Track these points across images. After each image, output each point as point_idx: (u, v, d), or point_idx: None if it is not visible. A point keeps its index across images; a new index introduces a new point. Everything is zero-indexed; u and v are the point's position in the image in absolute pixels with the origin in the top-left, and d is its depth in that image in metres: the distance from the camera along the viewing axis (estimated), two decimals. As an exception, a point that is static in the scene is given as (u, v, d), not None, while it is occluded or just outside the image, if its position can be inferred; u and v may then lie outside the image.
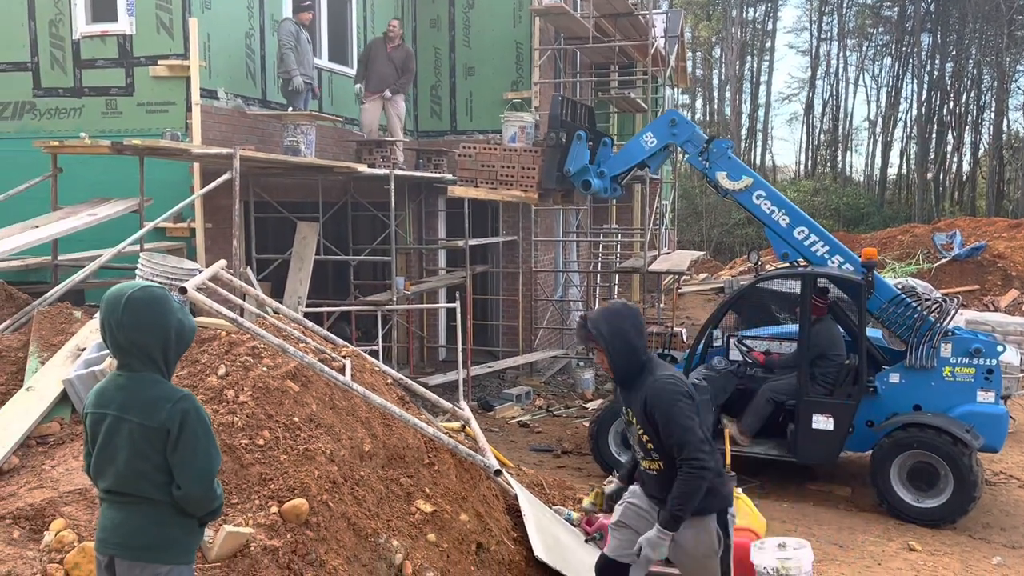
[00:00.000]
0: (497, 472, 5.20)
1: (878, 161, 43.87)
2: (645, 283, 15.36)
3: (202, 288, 4.77)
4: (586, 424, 9.60)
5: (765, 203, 8.41)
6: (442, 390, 9.67)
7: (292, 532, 3.72)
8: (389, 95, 10.81)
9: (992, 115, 39.36)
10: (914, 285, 8.44)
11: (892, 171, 43.80)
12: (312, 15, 9.83)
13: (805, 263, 8.29)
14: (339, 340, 5.75)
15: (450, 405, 6.19)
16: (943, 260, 20.13)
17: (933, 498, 7.28)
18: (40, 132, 8.80)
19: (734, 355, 8.85)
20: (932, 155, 40.25)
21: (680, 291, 20.75)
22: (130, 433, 2.57)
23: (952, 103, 41.06)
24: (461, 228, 11.46)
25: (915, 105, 41.28)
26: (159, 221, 7.45)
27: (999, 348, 7.63)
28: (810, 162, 45.95)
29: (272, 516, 3.73)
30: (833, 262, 8.20)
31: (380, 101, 10.78)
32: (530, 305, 13.23)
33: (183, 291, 4.35)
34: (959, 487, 7.14)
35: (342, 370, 4.95)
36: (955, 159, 41.91)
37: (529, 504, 5.28)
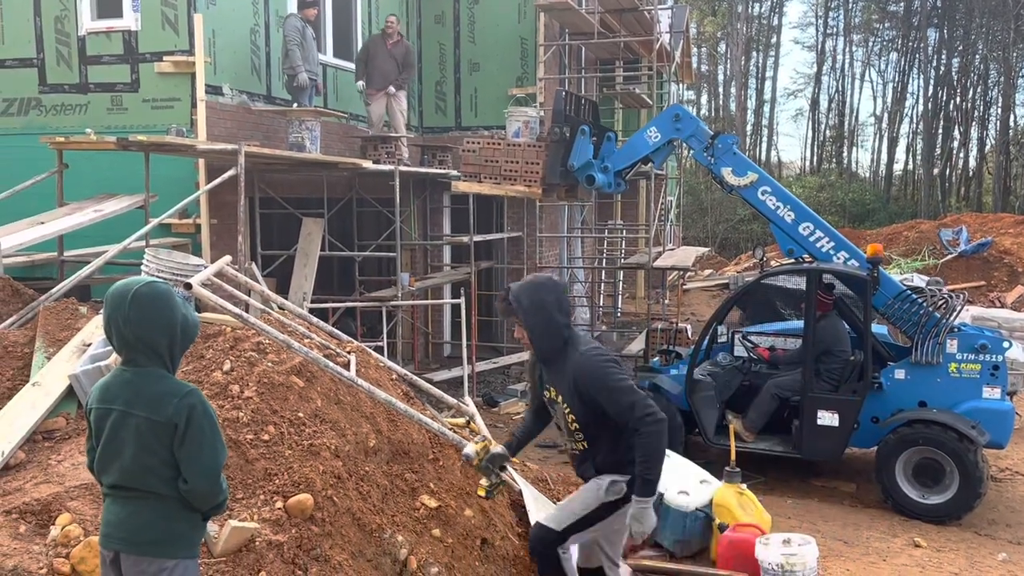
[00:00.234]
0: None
1: (884, 157, 43.77)
2: (650, 279, 15.35)
3: (207, 284, 4.78)
4: (591, 420, 9.59)
5: (770, 199, 8.39)
6: (447, 386, 9.67)
7: (297, 527, 3.73)
8: (393, 91, 10.80)
9: (999, 111, 39.20)
10: (938, 283, 8.39)
11: (898, 167, 43.71)
12: (317, 11, 9.84)
13: (810, 259, 8.28)
14: (344, 336, 5.76)
15: (455, 401, 6.19)
16: (949, 256, 20.06)
17: (938, 494, 7.27)
18: (46, 128, 8.83)
19: (739, 351, 8.84)
20: (938, 151, 40.12)
21: (685, 287, 20.72)
22: (137, 428, 2.58)
23: (958, 98, 40.90)
24: (466, 224, 11.45)
25: (921, 100, 41.14)
26: (164, 217, 7.47)
27: (1005, 344, 7.60)
28: (815, 158, 45.81)
29: (277, 511, 3.74)
30: (838, 258, 8.18)
31: (384, 98, 10.79)
32: (535, 301, 13.20)
33: (188, 287, 4.36)
34: (964, 483, 7.12)
35: (347, 366, 4.96)
36: (961, 155, 41.77)
37: (534, 500, 5.28)
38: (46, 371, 4.92)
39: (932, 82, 40.25)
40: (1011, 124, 38.59)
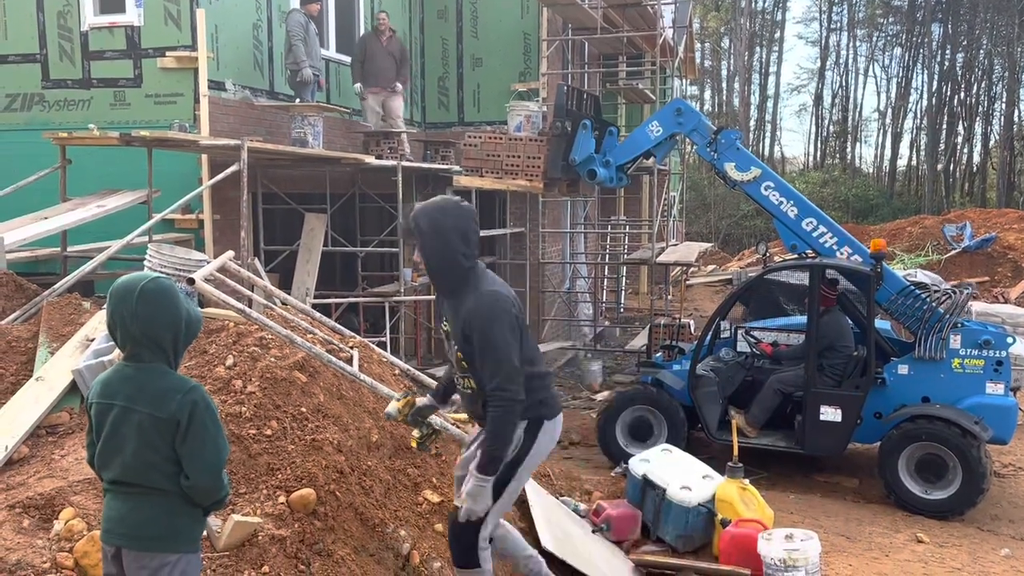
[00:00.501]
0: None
1: (887, 152, 43.70)
2: (653, 275, 15.33)
3: (210, 279, 4.78)
4: (593, 415, 9.60)
5: (773, 194, 8.38)
6: (449, 381, 9.66)
7: (300, 522, 3.74)
8: (401, 89, 10.84)
9: (1003, 106, 39.09)
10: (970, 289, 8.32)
11: (902, 162, 43.60)
12: (320, 6, 9.83)
13: (813, 254, 8.27)
14: (347, 331, 5.76)
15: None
16: (953, 252, 20.02)
17: (941, 490, 7.26)
18: (49, 124, 8.84)
19: (742, 346, 8.83)
20: (942, 146, 39.99)
21: (688, 283, 20.70)
22: (139, 424, 2.57)
23: (963, 94, 40.79)
24: (468, 220, 11.43)
25: (925, 96, 41.03)
26: (167, 212, 7.47)
27: (1009, 340, 7.59)
28: (819, 153, 45.74)
29: (280, 506, 3.75)
30: (842, 253, 8.17)
31: (382, 95, 10.78)
32: (537, 297, 13.23)
33: (191, 282, 4.37)
34: (968, 479, 7.11)
35: (349, 361, 4.97)
36: (965, 150, 41.68)
37: (536, 495, 5.29)
38: (49, 366, 4.93)
39: (936, 77, 40.15)
40: (1015, 119, 38.49)
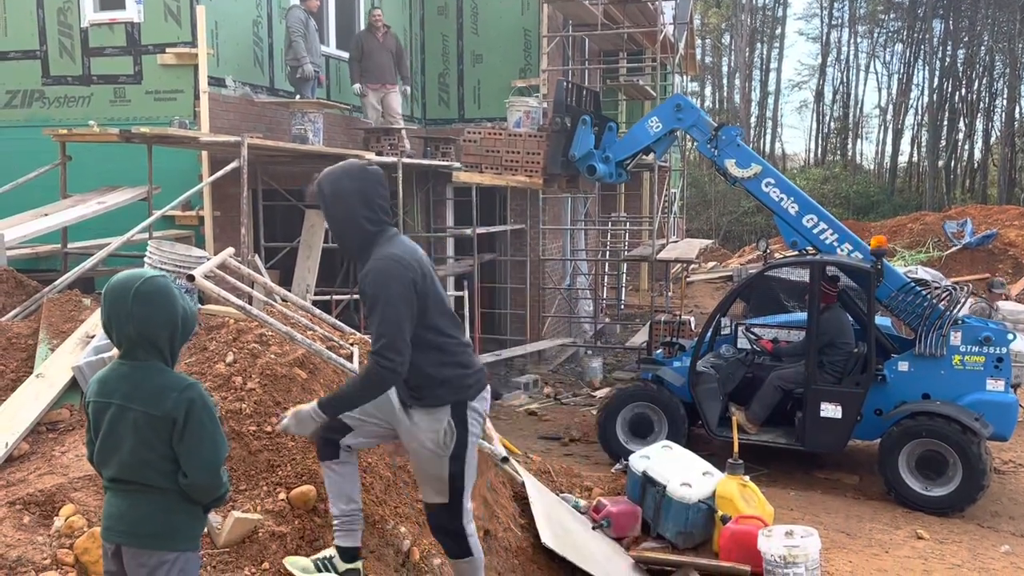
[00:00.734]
0: (504, 459, 5.21)
1: (888, 149, 43.67)
2: (653, 271, 15.33)
3: (210, 276, 4.78)
4: (594, 412, 9.61)
5: (774, 191, 8.37)
6: (450, 378, 9.66)
7: (300, 518, 3.74)
8: (404, 87, 10.84)
9: (1004, 102, 39.06)
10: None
11: (903, 159, 43.58)
12: (320, 2, 9.81)
13: (814, 251, 8.27)
14: (347, 328, 5.76)
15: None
16: (954, 248, 20.02)
17: (941, 486, 7.27)
18: (49, 120, 8.83)
19: (742, 343, 8.84)
20: (943, 143, 39.96)
21: (688, 279, 20.70)
22: (135, 422, 2.56)
23: (964, 90, 40.75)
24: (469, 216, 11.44)
25: (926, 92, 41.03)
26: (167, 209, 7.47)
27: (1009, 336, 7.59)
28: (820, 150, 45.71)
29: (280, 502, 3.75)
30: (842, 250, 8.17)
31: (382, 91, 10.77)
32: (538, 293, 13.23)
33: (191, 279, 4.36)
34: (968, 475, 7.12)
35: (350, 357, 4.96)
36: (966, 146, 41.68)
37: (536, 491, 5.29)
38: (50, 363, 4.93)
39: (937, 73, 40.13)
40: (1016, 116, 38.46)
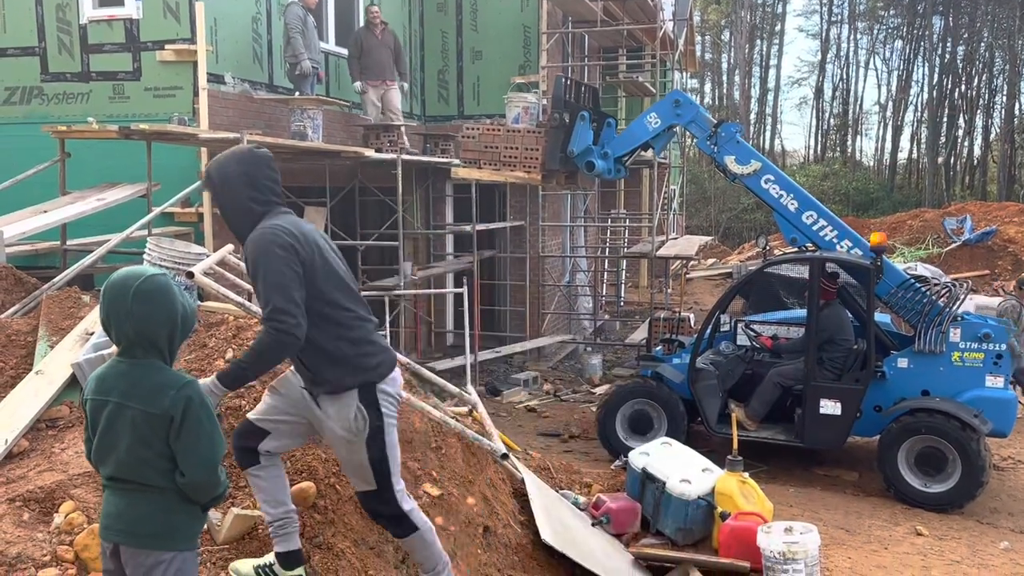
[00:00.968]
0: (504, 456, 5.21)
1: (888, 145, 43.61)
2: (653, 268, 15.33)
3: (209, 272, 4.77)
4: (593, 409, 9.62)
5: (774, 187, 8.37)
6: (449, 375, 9.69)
7: (300, 515, 3.74)
8: (406, 85, 10.84)
9: (1004, 99, 39.00)
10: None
11: (902, 155, 43.54)
12: (318, -1, 9.81)
13: (814, 248, 8.26)
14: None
15: (457, 390, 6.19)
16: (953, 245, 20.00)
17: (941, 483, 7.27)
18: (48, 117, 8.82)
19: (742, 340, 8.84)
20: (943, 139, 39.94)
21: (688, 276, 20.69)
22: (132, 420, 2.55)
23: (963, 86, 40.71)
24: (468, 213, 11.44)
25: (926, 88, 40.96)
26: (167, 206, 7.46)
27: (1008, 333, 7.59)
28: (819, 146, 45.66)
29: (280, 499, 3.74)
30: (842, 247, 8.17)
31: (382, 88, 10.76)
32: (537, 290, 13.23)
33: (190, 275, 4.36)
34: (967, 472, 7.13)
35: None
36: (966, 143, 41.63)
37: (536, 488, 5.29)
38: (49, 359, 4.92)
39: (937, 70, 40.08)
40: (1016, 112, 38.42)
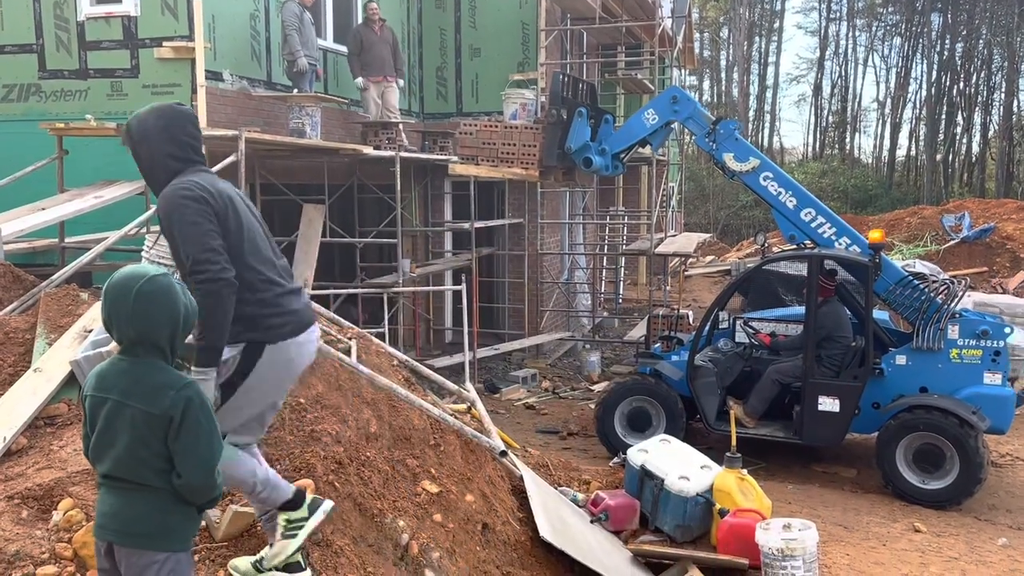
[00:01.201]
0: (503, 453, 5.22)
1: (887, 142, 43.66)
2: (652, 265, 15.33)
3: (208, 270, 4.76)
4: (592, 406, 9.62)
5: (772, 185, 8.37)
6: (448, 372, 9.69)
7: (298, 512, 3.74)
8: (402, 82, 10.84)
9: (1002, 96, 39.03)
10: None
11: (901, 152, 43.59)
12: (316, -4, 9.79)
13: (812, 245, 8.27)
14: (345, 322, 5.76)
15: (456, 387, 6.20)
16: (952, 242, 20.02)
17: (939, 480, 7.28)
18: (46, 114, 8.80)
19: (740, 337, 8.85)
20: (941, 136, 39.96)
21: (686, 273, 20.70)
22: (132, 419, 2.54)
23: (962, 84, 40.73)
24: (467, 211, 11.43)
25: (924, 86, 40.98)
26: (165, 203, 7.44)
27: (1006, 330, 7.60)
28: (818, 144, 45.67)
29: (278, 496, 3.75)
30: (840, 244, 8.17)
31: (383, 84, 10.76)
32: (536, 288, 13.23)
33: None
34: (965, 469, 7.14)
35: (348, 352, 4.96)
36: (964, 140, 41.64)
37: (535, 485, 5.30)
38: (47, 357, 4.92)
39: (935, 67, 40.08)
40: (1014, 109, 38.46)
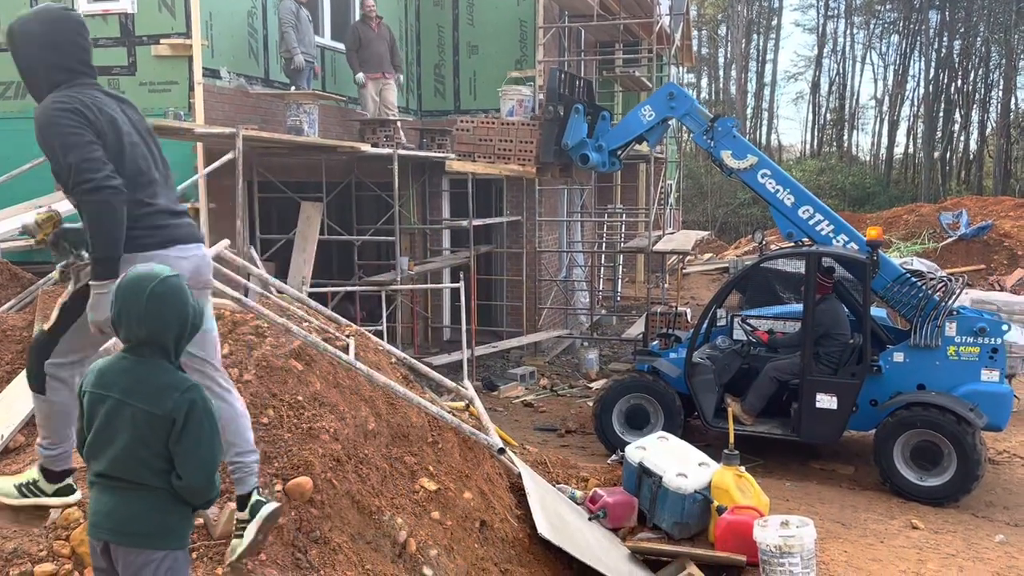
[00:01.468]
0: (501, 451, 5.22)
1: (884, 140, 43.65)
2: (649, 263, 15.33)
3: (205, 267, 4.76)
4: (590, 404, 9.63)
5: (770, 182, 8.37)
6: (446, 370, 9.69)
7: (296, 510, 3.74)
8: (401, 78, 10.83)
9: (1000, 93, 39.05)
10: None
11: (898, 150, 43.60)
12: (313, -8, 9.78)
13: (810, 242, 8.27)
14: (343, 320, 5.76)
15: (454, 385, 6.20)
16: (949, 240, 20.05)
17: (936, 477, 7.29)
18: (43, 112, 8.78)
19: (738, 335, 8.85)
20: (939, 134, 39.99)
21: (685, 271, 20.71)
22: (133, 418, 2.53)
23: (960, 81, 40.73)
24: (465, 208, 11.43)
25: (922, 83, 40.97)
26: (162, 201, 7.43)
27: (1004, 327, 7.61)
28: (816, 141, 45.68)
29: (276, 494, 3.75)
30: (838, 241, 8.18)
31: (380, 81, 10.75)
32: (534, 285, 13.23)
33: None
34: (962, 466, 7.15)
35: (346, 349, 4.96)
36: (962, 138, 41.66)
37: (533, 482, 5.30)
38: (45, 355, 4.91)
39: (933, 65, 40.09)
40: (1012, 107, 38.48)
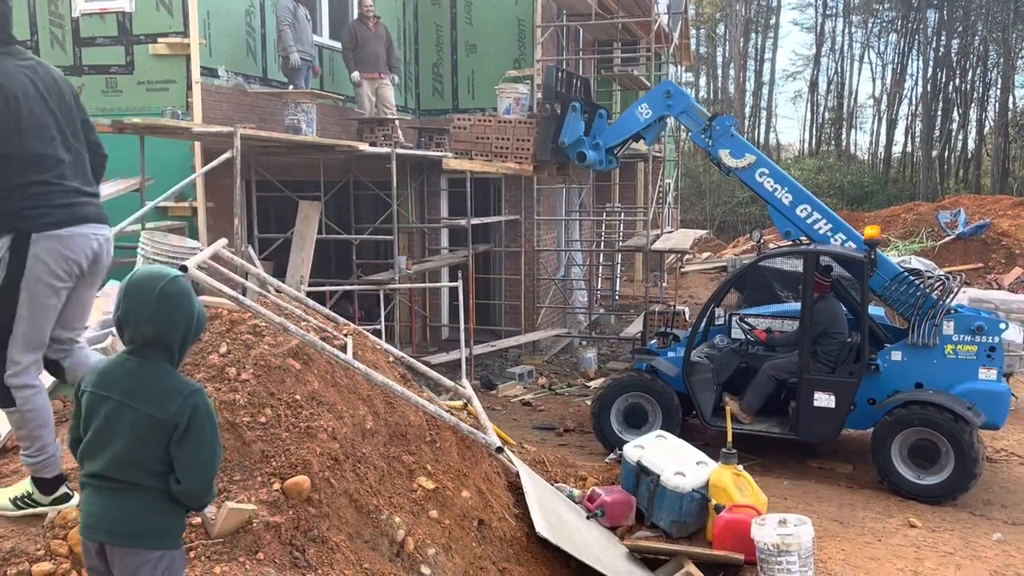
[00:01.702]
0: (499, 450, 5.22)
1: (883, 139, 43.69)
2: (648, 262, 15.34)
3: (203, 267, 4.76)
4: (588, 403, 9.63)
5: (768, 181, 8.38)
6: (444, 369, 9.69)
7: (294, 509, 3.74)
8: (397, 79, 10.83)
9: (998, 92, 39.11)
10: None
11: (897, 149, 43.66)
12: (311, -9, 9.78)
13: (808, 241, 8.28)
14: (341, 319, 5.75)
15: (452, 384, 6.20)
16: (947, 238, 20.07)
17: (934, 475, 7.30)
18: (40, 111, 8.76)
19: (736, 333, 8.86)
20: (937, 133, 40.02)
21: (683, 270, 20.72)
22: (133, 421, 2.52)
23: (958, 80, 40.76)
24: (463, 207, 11.43)
25: (920, 82, 41.02)
26: (160, 200, 7.44)
27: (1001, 326, 7.62)
28: (814, 140, 45.72)
29: (274, 493, 3.75)
30: (836, 240, 8.18)
31: (377, 81, 10.75)
32: (532, 284, 13.23)
33: (184, 269, 4.35)
34: (960, 464, 7.16)
35: (344, 348, 4.96)
36: (960, 137, 41.69)
37: (531, 481, 5.30)
38: (43, 354, 4.91)
39: (931, 63, 40.13)
40: (1010, 106, 38.53)
